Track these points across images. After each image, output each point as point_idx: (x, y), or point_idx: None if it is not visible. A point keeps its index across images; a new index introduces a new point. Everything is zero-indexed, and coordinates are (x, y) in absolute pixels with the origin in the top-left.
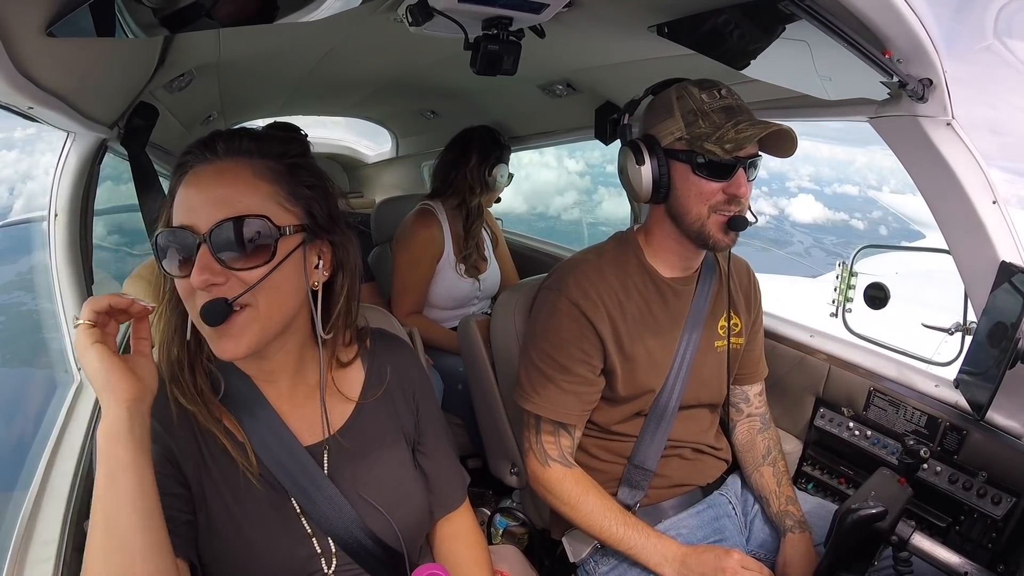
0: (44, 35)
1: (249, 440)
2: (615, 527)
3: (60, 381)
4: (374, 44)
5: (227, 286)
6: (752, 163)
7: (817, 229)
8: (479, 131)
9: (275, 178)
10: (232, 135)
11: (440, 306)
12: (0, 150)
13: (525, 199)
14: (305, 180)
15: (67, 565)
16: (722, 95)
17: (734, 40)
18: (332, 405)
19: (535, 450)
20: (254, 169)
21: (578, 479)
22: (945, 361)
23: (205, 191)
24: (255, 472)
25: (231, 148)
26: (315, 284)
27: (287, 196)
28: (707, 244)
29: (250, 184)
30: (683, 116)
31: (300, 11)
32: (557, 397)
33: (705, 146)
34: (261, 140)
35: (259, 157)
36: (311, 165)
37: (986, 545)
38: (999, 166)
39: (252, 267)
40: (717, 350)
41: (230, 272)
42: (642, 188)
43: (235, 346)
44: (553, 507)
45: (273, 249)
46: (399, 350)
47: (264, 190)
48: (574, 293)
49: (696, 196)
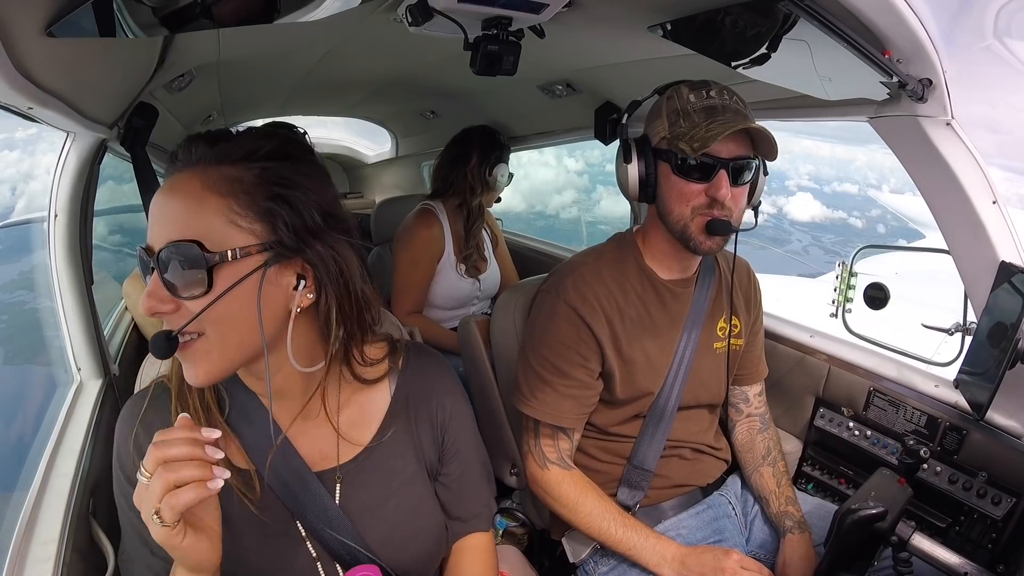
0: (44, 35)
1: (254, 463)
2: (614, 528)
3: (60, 381)
4: (374, 44)
5: (178, 314)
6: (742, 166)
7: (815, 228)
8: (479, 131)
9: (229, 189)
10: (191, 141)
11: (440, 306)
12: (2, 150)
13: (524, 198)
14: (268, 191)
15: (67, 565)
16: (710, 95)
17: (734, 40)
18: (348, 429)
19: (534, 453)
20: (204, 181)
21: (576, 481)
22: (945, 361)
23: (157, 207)
24: (255, 498)
25: (186, 157)
26: (298, 307)
27: (243, 211)
28: (689, 246)
29: (197, 199)
30: (668, 116)
31: (300, 11)
32: (555, 401)
33: (679, 144)
34: (219, 143)
35: (214, 164)
36: (281, 170)
37: (986, 545)
38: (997, 164)
39: (192, 297)
40: (716, 351)
41: (178, 299)
42: (629, 186)
43: (193, 374)
44: (552, 509)
45: (207, 279)
46: (433, 373)
47: (213, 205)
48: (572, 297)
49: (677, 196)
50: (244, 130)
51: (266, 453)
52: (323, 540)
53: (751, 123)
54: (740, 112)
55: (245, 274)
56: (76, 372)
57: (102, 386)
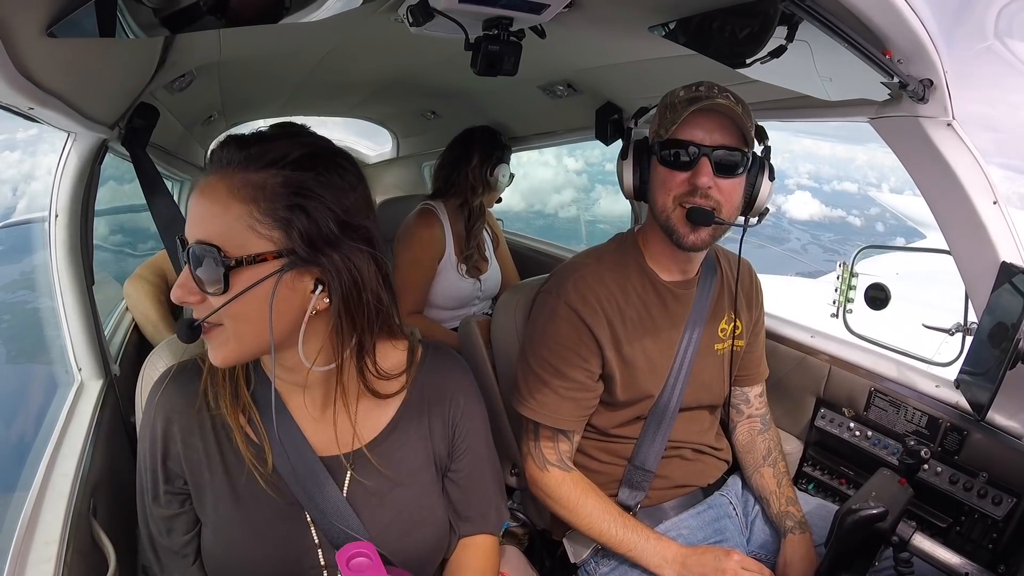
0: (44, 35)
1: (269, 443)
2: (614, 529)
3: (61, 381)
4: (375, 44)
5: (203, 304)
6: (727, 157)
7: (814, 226)
8: (480, 131)
9: (252, 195)
10: (225, 143)
11: (441, 306)
12: (4, 151)
13: (523, 197)
14: (288, 199)
15: (68, 566)
16: (698, 89)
17: (735, 41)
18: (363, 420)
19: (533, 455)
20: (230, 186)
21: (576, 482)
22: (946, 361)
23: (192, 206)
24: (266, 475)
25: (218, 159)
26: (314, 310)
27: (263, 218)
28: (673, 238)
29: (222, 204)
30: (659, 112)
31: (301, 11)
32: (554, 403)
33: (659, 131)
34: (249, 147)
35: (240, 169)
36: (303, 179)
37: (987, 546)
38: (995, 163)
39: (213, 293)
40: (717, 353)
41: (203, 292)
42: (624, 184)
43: (214, 356)
44: (552, 511)
45: (224, 280)
46: (449, 372)
47: (235, 211)
48: (573, 298)
49: (661, 185)
50: (278, 132)
51: (275, 433)
52: (326, 528)
53: (719, 102)
54: (726, 106)
55: (260, 278)
56: (77, 372)
57: (103, 386)
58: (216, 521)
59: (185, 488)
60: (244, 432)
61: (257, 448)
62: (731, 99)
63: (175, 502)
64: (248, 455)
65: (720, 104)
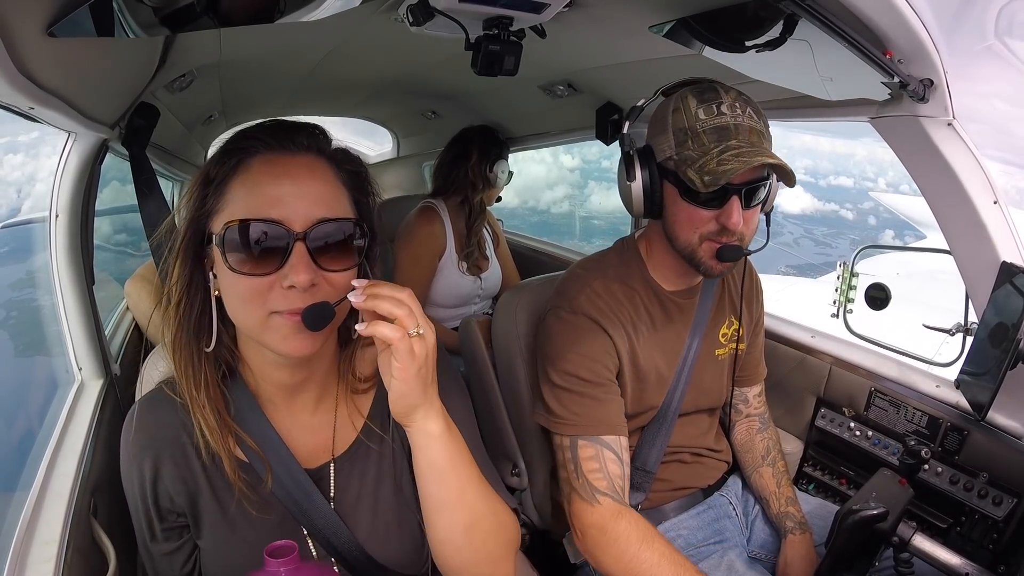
0: (44, 35)
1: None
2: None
3: (61, 381)
4: (375, 44)
5: (319, 289)
6: (756, 188)
7: (807, 220)
8: (479, 129)
9: (347, 181)
10: (310, 130)
11: (442, 304)
12: (7, 154)
13: (516, 193)
14: (365, 188)
15: (68, 565)
16: (720, 110)
17: (735, 41)
18: (344, 421)
19: (577, 487)
20: (336, 170)
21: (636, 522)
22: (946, 361)
23: (299, 184)
24: (264, 489)
25: (314, 143)
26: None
27: (352, 203)
28: (699, 270)
29: (335, 185)
30: (674, 134)
31: (301, 11)
32: (596, 410)
33: (688, 173)
34: (316, 134)
35: (329, 159)
36: (368, 174)
37: (987, 546)
38: (990, 155)
39: (343, 269)
40: (718, 358)
41: (322, 273)
42: (633, 203)
43: (312, 343)
44: (603, 567)
45: (362, 253)
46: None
47: (342, 192)
48: (589, 309)
49: (685, 222)
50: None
51: (264, 448)
52: (320, 539)
53: (767, 154)
54: (755, 130)
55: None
56: (77, 372)
57: (103, 386)
58: (215, 548)
59: (181, 520)
60: (234, 456)
61: (249, 471)
62: (754, 116)
63: (173, 536)
64: (238, 481)
65: (757, 150)
